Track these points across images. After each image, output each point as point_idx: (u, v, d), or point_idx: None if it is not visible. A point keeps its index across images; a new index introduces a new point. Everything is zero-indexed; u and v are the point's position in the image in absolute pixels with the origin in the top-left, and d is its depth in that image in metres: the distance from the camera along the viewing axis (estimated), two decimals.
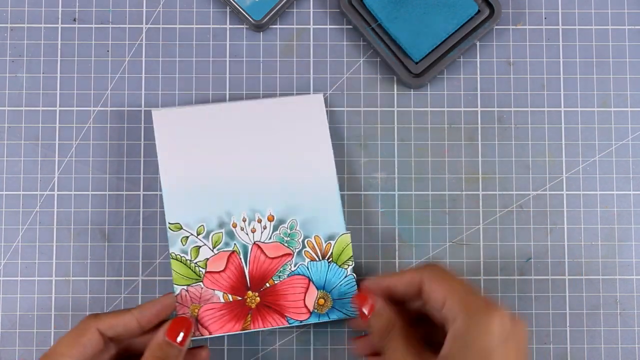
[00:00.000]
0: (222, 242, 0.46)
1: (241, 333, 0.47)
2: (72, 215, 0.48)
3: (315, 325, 0.47)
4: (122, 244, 0.48)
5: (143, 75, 0.49)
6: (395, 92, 0.49)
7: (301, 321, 0.45)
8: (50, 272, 0.48)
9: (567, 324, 0.48)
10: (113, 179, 0.48)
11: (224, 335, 0.47)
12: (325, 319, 0.46)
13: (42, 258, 0.48)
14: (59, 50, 0.49)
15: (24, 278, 0.48)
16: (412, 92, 0.49)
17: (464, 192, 0.49)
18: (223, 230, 0.46)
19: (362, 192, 0.48)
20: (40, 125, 0.49)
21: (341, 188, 0.48)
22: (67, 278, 0.48)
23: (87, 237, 0.48)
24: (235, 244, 0.46)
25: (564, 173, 0.49)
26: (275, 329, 0.47)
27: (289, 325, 0.46)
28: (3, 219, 0.48)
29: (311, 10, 0.50)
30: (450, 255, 0.48)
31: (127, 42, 0.49)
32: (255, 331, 0.47)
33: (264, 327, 0.45)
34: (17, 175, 0.48)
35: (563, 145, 0.49)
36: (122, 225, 0.48)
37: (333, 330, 0.48)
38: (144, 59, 0.49)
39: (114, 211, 0.48)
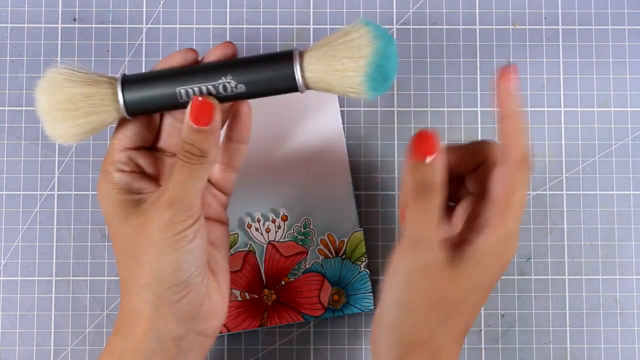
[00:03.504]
0: (238, 243, 0.47)
1: (241, 333, 0.47)
2: (72, 215, 0.48)
3: (315, 325, 0.47)
4: None
5: None
6: (395, 92, 0.49)
7: (316, 317, 0.46)
8: (50, 272, 0.48)
9: (567, 324, 0.48)
10: None
11: (224, 335, 0.47)
12: (340, 315, 0.47)
13: (42, 258, 0.48)
14: (59, 50, 0.49)
15: (24, 278, 0.48)
16: (412, 92, 0.49)
17: None
18: (239, 232, 0.47)
19: (362, 192, 0.48)
20: (40, 125, 0.48)
21: None
22: (67, 278, 0.48)
23: (87, 237, 0.48)
24: (250, 244, 0.47)
25: (564, 173, 0.49)
26: (282, 326, 0.47)
27: (304, 321, 0.47)
28: (3, 219, 0.48)
29: (311, 10, 0.50)
30: None
31: (127, 42, 0.49)
32: (255, 331, 0.47)
33: (280, 324, 0.46)
34: (17, 175, 0.48)
35: (563, 145, 0.49)
36: None
37: (333, 330, 0.48)
38: (144, 59, 0.49)
39: None
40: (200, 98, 0.35)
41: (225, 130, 0.40)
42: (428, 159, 0.35)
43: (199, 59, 0.38)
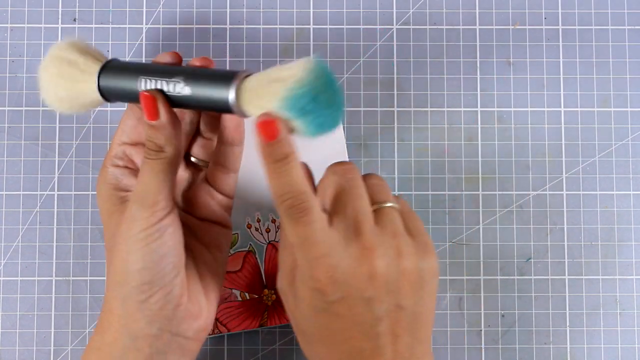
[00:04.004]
0: (238, 243, 0.47)
1: (241, 333, 0.47)
2: (72, 215, 0.48)
3: None
4: None
5: None
6: (395, 92, 0.49)
7: None
8: (50, 272, 0.48)
9: (567, 324, 0.48)
10: None
11: (223, 335, 0.47)
12: None
13: (42, 258, 0.48)
14: None
15: (24, 278, 0.48)
16: (412, 92, 0.49)
17: (464, 192, 0.49)
18: (238, 232, 0.47)
19: None
20: (40, 125, 0.49)
21: None
22: (67, 278, 0.48)
23: (87, 237, 0.48)
24: (250, 244, 0.47)
25: (564, 173, 0.49)
26: (282, 326, 0.47)
27: None
28: (3, 219, 0.48)
29: (311, 10, 0.50)
30: (450, 255, 0.48)
31: (127, 42, 0.49)
32: (255, 331, 0.47)
33: (280, 324, 0.46)
34: (17, 175, 0.48)
35: (563, 145, 0.49)
36: None
37: None
38: (144, 59, 0.49)
39: None
40: (146, 93, 0.36)
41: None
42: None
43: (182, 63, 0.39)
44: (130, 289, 0.35)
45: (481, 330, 0.48)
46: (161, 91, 0.36)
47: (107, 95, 0.37)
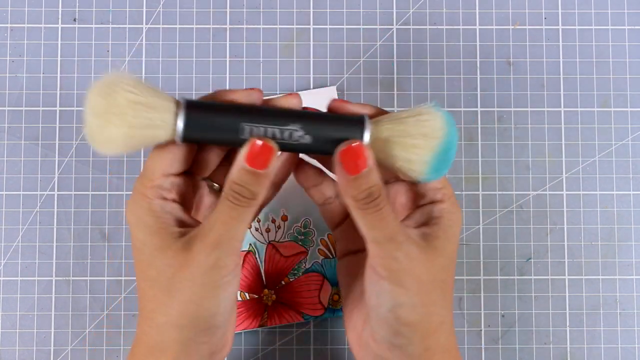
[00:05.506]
0: None
1: (241, 333, 0.47)
2: (72, 215, 0.48)
3: (315, 325, 0.47)
4: (122, 244, 0.48)
5: (143, 75, 0.49)
6: (395, 92, 0.49)
7: (316, 317, 0.47)
8: (50, 272, 0.48)
9: (567, 324, 0.48)
10: (113, 179, 0.48)
11: None
12: (340, 315, 0.47)
13: (42, 258, 0.48)
14: (59, 50, 0.49)
15: (24, 278, 0.48)
16: (412, 92, 0.49)
17: (464, 192, 0.49)
18: None
19: None
20: (40, 125, 0.49)
21: None
22: (67, 278, 0.48)
23: (87, 237, 0.48)
24: (250, 244, 0.47)
25: (564, 173, 0.49)
26: (282, 326, 0.47)
27: (304, 321, 0.47)
28: (3, 219, 0.48)
29: (311, 10, 0.50)
30: None
31: (127, 42, 0.49)
32: (255, 331, 0.47)
33: (280, 324, 0.47)
34: (17, 175, 0.48)
35: (563, 145, 0.49)
36: (122, 225, 0.48)
37: (333, 330, 0.48)
38: (144, 59, 0.49)
39: (114, 211, 0.48)
40: (260, 142, 0.33)
41: None
42: (365, 171, 0.34)
43: (262, 97, 0.36)
44: (195, 333, 0.34)
45: (481, 330, 0.48)
46: (273, 138, 0.34)
47: (187, 137, 0.33)
